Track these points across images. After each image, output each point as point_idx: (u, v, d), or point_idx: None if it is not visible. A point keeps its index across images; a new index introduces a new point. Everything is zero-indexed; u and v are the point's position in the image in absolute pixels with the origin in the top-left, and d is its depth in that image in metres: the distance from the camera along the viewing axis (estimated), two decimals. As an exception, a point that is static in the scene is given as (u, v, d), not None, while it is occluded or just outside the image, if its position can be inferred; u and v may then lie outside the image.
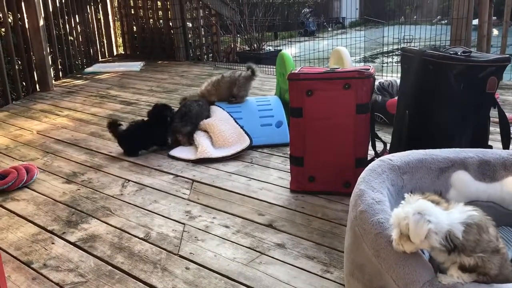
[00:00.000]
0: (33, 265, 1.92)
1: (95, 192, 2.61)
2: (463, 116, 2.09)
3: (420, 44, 5.95)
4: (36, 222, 2.30)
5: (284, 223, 2.17)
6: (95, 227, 2.22)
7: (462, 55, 2.06)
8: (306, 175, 2.44)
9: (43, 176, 2.86)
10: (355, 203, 1.51)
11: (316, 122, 2.36)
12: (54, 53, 5.83)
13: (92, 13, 7.09)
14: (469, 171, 1.60)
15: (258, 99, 3.63)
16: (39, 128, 3.90)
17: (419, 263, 1.24)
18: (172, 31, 7.06)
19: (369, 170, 1.60)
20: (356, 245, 1.45)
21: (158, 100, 4.64)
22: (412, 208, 1.15)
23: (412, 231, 1.13)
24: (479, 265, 1.14)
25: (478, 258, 1.14)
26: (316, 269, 1.81)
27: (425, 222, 1.11)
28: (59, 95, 5.10)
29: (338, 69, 2.46)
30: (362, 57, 7.38)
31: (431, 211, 1.14)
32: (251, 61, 6.44)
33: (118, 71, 6.37)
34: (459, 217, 1.15)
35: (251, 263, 1.86)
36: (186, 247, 2.01)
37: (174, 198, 2.49)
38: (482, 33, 4.63)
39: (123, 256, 1.96)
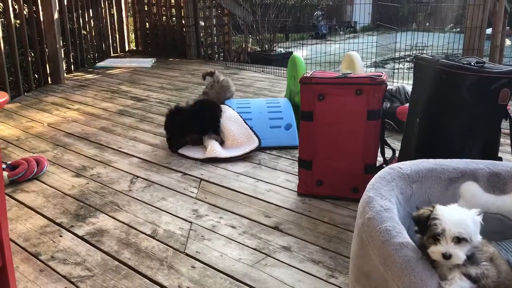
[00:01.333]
0: (41, 257, 1.95)
1: (103, 186, 2.63)
2: (474, 127, 2.09)
3: (432, 52, 5.93)
4: (45, 214, 2.32)
5: (290, 226, 2.18)
6: (103, 222, 2.24)
7: (476, 65, 2.05)
8: (314, 179, 2.45)
9: (53, 168, 2.89)
10: (363, 210, 1.51)
11: (327, 126, 2.37)
12: (67, 47, 5.88)
13: (105, 8, 7.14)
14: (479, 183, 1.60)
15: (268, 101, 3.65)
16: (50, 120, 3.93)
17: (425, 272, 1.24)
18: (185, 29, 7.09)
19: (378, 177, 1.61)
20: (362, 251, 1.46)
21: (168, 98, 4.67)
22: (463, 211, 1.22)
23: (475, 230, 1.18)
24: (485, 275, 1.16)
25: (483, 268, 1.16)
26: (321, 274, 1.81)
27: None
28: (70, 89, 5.14)
29: (350, 74, 2.46)
30: (373, 62, 7.37)
31: (470, 224, 1.19)
32: (262, 63, 6.48)
33: (129, 66, 6.40)
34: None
35: (257, 265, 1.88)
36: (193, 245, 2.02)
37: (182, 196, 2.50)
38: (495, 43, 4.62)
39: (130, 252, 1.98)
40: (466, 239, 1.16)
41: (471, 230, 1.17)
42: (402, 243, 1.31)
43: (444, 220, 1.19)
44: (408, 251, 1.30)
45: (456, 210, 1.24)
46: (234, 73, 5.94)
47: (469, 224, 1.18)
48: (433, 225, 1.21)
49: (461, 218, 1.19)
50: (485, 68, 2.04)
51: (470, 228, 1.17)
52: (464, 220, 1.19)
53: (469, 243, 1.17)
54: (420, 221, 1.28)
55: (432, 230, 1.21)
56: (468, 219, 1.19)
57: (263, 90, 4.97)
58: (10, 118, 3.99)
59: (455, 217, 1.20)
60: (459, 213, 1.22)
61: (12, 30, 4.66)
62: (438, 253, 1.18)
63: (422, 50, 6.15)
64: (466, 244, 1.17)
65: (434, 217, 1.22)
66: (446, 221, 1.19)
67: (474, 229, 1.18)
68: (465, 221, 1.18)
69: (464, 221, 1.18)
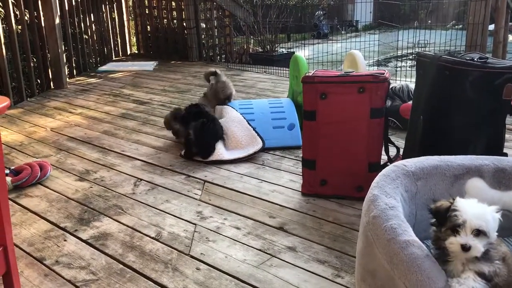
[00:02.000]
0: (45, 262, 1.94)
1: (107, 190, 2.63)
2: (478, 123, 2.07)
3: (434, 49, 5.91)
4: (48, 218, 2.32)
5: (295, 226, 2.17)
6: (107, 225, 2.23)
7: (479, 61, 2.04)
8: (318, 178, 2.43)
9: (56, 173, 2.89)
10: (368, 208, 1.50)
11: (330, 125, 2.36)
12: (69, 51, 5.88)
13: (107, 12, 7.15)
14: (484, 179, 1.59)
15: (270, 101, 3.64)
16: (53, 125, 3.93)
17: (432, 270, 1.23)
18: (186, 31, 7.09)
19: (383, 175, 1.60)
20: (368, 250, 1.44)
21: (171, 100, 4.66)
22: (484, 206, 1.22)
23: (493, 225, 1.18)
24: (497, 273, 1.14)
25: (495, 267, 1.14)
26: (327, 273, 1.80)
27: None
28: (73, 93, 5.15)
29: (352, 72, 2.45)
30: (375, 60, 7.34)
31: (489, 220, 1.19)
32: (264, 63, 6.47)
33: (131, 70, 6.41)
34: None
35: (262, 266, 1.86)
36: (197, 247, 2.01)
37: (185, 198, 2.50)
38: (498, 39, 4.59)
39: (135, 255, 1.98)
40: (485, 233, 1.16)
41: (490, 225, 1.17)
42: (408, 241, 1.30)
43: (465, 212, 1.19)
44: (415, 248, 1.28)
45: (476, 204, 1.24)
46: (236, 74, 5.93)
47: (489, 219, 1.18)
48: (453, 216, 1.20)
49: (482, 212, 1.19)
50: (488, 63, 2.03)
51: (490, 223, 1.17)
52: (484, 214, 1.19)
53: (487, 238, 1.16)
54: (439, 212, 1.27)
55: (452, 221, 1.20)
56: (488, 214, 1.19)
57: (265, 91, 4.96)
58: (13, 123, 4.00)
59: (476, 210, 1.20)
60: (480, 207, 1.22)
61: (13, 36, 4.67)
62: (457, 244, 1.17)
63: (424, 48, 6.13)
64: (484, 238, 1.16)
65: (454, 208, 1.21)
66: (467, 213, 1.18)
67: (493, 225, 1.18)
68: (486, 215, 1.18)
69: (484, 215, 1.18)
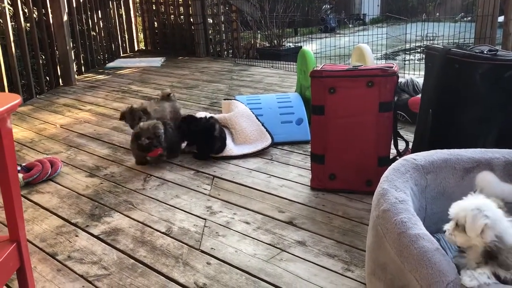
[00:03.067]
0: (58, 257, 1.97)
1: (117, 186, 2.65)
2: (488, 116, 2.06)
3: (443, 42, 5.87)
4: (60, 214, 2.34)
5: (304, 221, 2.17)
6: (118, 221, 2.25)
7: (488, 53, 2.03)
8: (327, 173, 2.44)
9: (67, 169, 2.91)
10: (377, 202, 1.50)
11: (338, 120, 2.35)
12: (77, 48, 5.92)
13: (114, 9, 7.17)
14: (495, 172, 1.58)
15: (278, 96, 3.64)
16: (63, 122, 3.96)
17: (442, 263, 1.23)
18: (193, 27, 7.09)
19: (392, 169, 1.60)
20: (378, 244, 1.45)
21: (179, 96, 4.67)
22: (474, 203, 1.20)
23: (468, 224, 1.16)
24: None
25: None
26: (337, 267, 1.81)
27: (483, 217, 1.14)
28: (81, 90, 5.18)
29: (360, 66, 2.44)
30: (383, 54, 7.31)
31: (491, 209, 1.17)
32: (271, 58, 6.46)
33: (139, 66, 6.43)
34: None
35: (272, 260, 1.87)
36: (207, 242, 2.03)
37: (195, 193, 2.51)
38: (508, 31, 4.54)
39: (146, 250, 1.99)
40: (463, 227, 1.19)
41: (467, 221, 1.18)
42: (418, 235, 1.30)
43: (456, 205, 1.25)
44: (425, 242, 1.29)
45: (474, 200, 1.24)
46: (244, 70, 5.93)
47: (464, 215, 1.20)
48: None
49: (463, 207, 1.22)
50: (498, 56, 2.01)
51: (466, 219, 1.18)
52: (464, 209, 1.21)
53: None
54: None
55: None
56: (467, 211, 1.20)
57: (273, 86, 4.96)
58: (23, 120, 4.03)
59: (462, 204, 1.23)
60: (469, 203, 1.23)
61: (22, 34, 4.70)
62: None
63: (432, 41, 6.08)
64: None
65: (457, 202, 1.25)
66: (455, 207, 1.24)
67: (470, 222, 1.16)
68: (465, 211, 1.21)
69: (464, 211, 1.21)
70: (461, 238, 1.20)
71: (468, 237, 1.18)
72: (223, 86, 5.05)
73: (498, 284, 1.13)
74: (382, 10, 14.33)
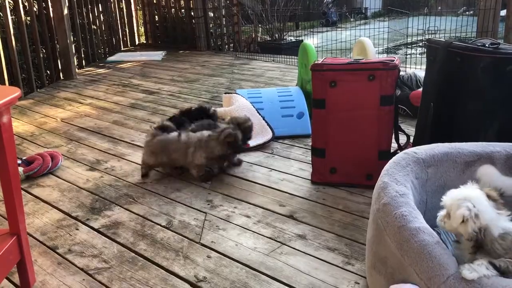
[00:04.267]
0: (58, 250, 1.97)
1: (118, 179, 2.65)
2: (489, 109, 2.05)
3: (445, 36, 5.84)
4: (60, 208, 2.34)
5: (305, 214, 2.17)
6: (118, 214, 2.25)
7: (490, 47, 2.01)
8: (328, 166, 2.43)
9: (67, 163, 2.91)
10: (378, 196, 1.50)
11: (339, 113, 2.35)
12: (78, 42, 5.91)
13: (114, 2, 7.14)
14: (496, 166, 1.58)
15: (279, 90, 3.63)
16: (63, 115, 3.96)
17: (443, 256, 1.23)
18: (194, 21, 7.07)
19: (393, 162, 1.59)
20: (378, 237, 1.44)
21: (179, 90, 4.67)
22: (462, 193, 1.23)
23: (452, 213, 1.22)
24: (510, 270, 1.13)
25: (508, 263, 1.13)
26: (337, 261, 1.81)
27: (464, 208, 1.18)
28: (82, 84, 5.17)
29: (362, 60, 2.43)
30: (385, 48, 7.28)
31: (478, 201, 1.20)
32: (272, 52, 6.43)
33: (140, 60, 6.41)
34: (502, 223, 1.19)
35: (272, 253, 1.87)
36: (208, 235, 2.03)
37: (195, 187, 2.51)
38: (510, 24, 4.51)
39: (146, 243, 1.99)
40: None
41: (452, 208, 1.24)
42: (419, 228, 1.30)
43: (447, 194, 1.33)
44: (425, 235, 1.29)
45: (464, 190, 1.28)
46: (245, 63, 5.92)
47: (449, 201, 1.27)
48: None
49: (449, 196, 1.29)
50: (500, 49, 2.00)
51: (451, 206, 1.25)
52: (448, 196, 1.29)
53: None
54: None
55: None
56: (449, 197, 1.28)
57: (274, 80, 4.94)
58: (24, 114, 4.03)
59: (452, 193, 1.29)
60: (457, 192, 1.28)
61: (23, 27, 4.69)
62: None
63: (434, 34, 6.05)
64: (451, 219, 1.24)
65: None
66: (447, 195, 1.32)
67: (455, 209, 1.22)
68: (448, 198, 1.29)
69: (448, 198, 1.29)
70: (449, 226, 1.25)
71: (453, 225, 1.23)
72: (224, 80, 5.04)
73: (498, 277, 1.13)
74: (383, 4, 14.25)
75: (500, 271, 1.15)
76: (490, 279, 1.12)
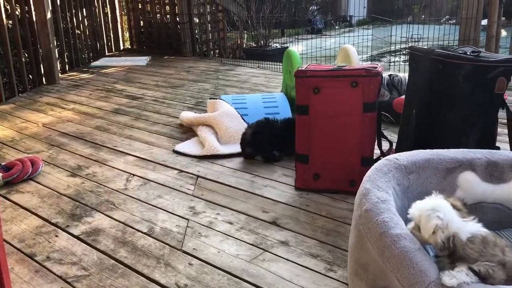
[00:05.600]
0: (36, 258, 1.92)
1: (99, 186, 2.61)
2: (471, 117, 2.07)
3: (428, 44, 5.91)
4: (40, 214, 2.30)
5: (288, 221, 2.16)
6: (99, 221, 2.22)
7: (472, 54, 2.04)
8: (311, 172, 2.43)
9: (48, 168, 2.87)
10: (360, 202, 1.49)
11: (323, 120, 2.35)
12: (61, 47, 5.84)
13: (99, 7, 7.09)
14: (477, 172, 1.59)
15: (264, 96, 3.63)
16: (45, 121, 3.90)
17: (424, 263, 1.22)
18: (179, 26, 7.05)
19: (375, 169, 1.59)
20: (360, 244, 1.44)
21: (163, 96, 4.64)
22: (429, 204, 1.24)
23: (422, 224, 1.22)
24: (489, 275, 1.13)
25: (487, 267, 1.13)
26: (320, 268, 1.80)
27: (435, 218, 1.19)
28: (65, 88, 5.11)
29: (345, 67, 2.44)
30: (369, 55, 7.34)
31: (445, 210, 1.21)
32: (258, 58, 6.45)
33: (124, 65, 6.37)
34: (470, 228, 1.20)
35: (254, 260, 1.86)
36: (190, 242, 2.00)
37: (178, 193, 2.48)
38: (491, 33, 4.59)
39: (126, 250, 1.96)
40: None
41: (421, 220, 1.24)
42: (400, 235, 1.30)
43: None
44: (406, 242, 1.28)
45: (430, 200, 1.29)
46: (230, 69, 5.91)
47: (414, 212, 1.28)
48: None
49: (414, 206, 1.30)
50: (480, 57, 2.02)
51: (415, 216, 1.27)
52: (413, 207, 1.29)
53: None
54: None
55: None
56: (414, 207, 1.28)
57: (259, 86, 4.95)
58: (5, 119, 3.96)
59: (419, 203, 1.29)
60: (424, 202, 1.28)
61: (4, 31, 4.62)
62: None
63: (417, 42, 6.12)
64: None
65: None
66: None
67: (423, 221, 1.22)
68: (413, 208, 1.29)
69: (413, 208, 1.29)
70: (420, 237, 1.25)
71: (424, 236, 1.22)
72: (209, 85, 5.02)
73: (478, 283, 1.13)
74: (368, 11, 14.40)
75: (481, 276, 1.15)
76: (470, 285, 1.12)
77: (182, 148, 3.10)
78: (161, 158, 2.99)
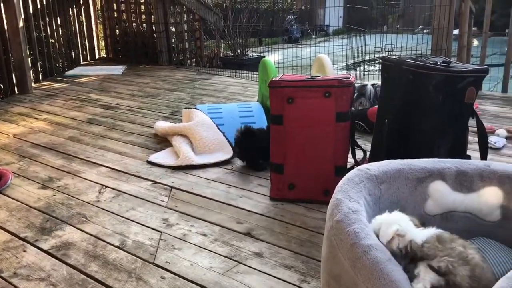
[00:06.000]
0: (2, 274, 1.86)
1: (71, 198, 2.56)
2: (441, 126, 2.10)
3: (401, 53, 6.01)
4: (8, 229, 2.23)
5: (262, 232, 2.15)
6: (70, 234, 2.16)
7: (442, 65, 2.07)
8: (286, 182, 2.42)
9: (18, 181, 2.79)
10: (331, 213, 1.49)
11: (296, 129, 2.35)
12: (34, 56, 5.74)
13: (74, 16, 7.00)
14: (447, 182, 1.60)
15: (240, 105, 3.62)
16: (16, 131, 3.81)
17: (395, 273, 1.22)
18: (155, 35, 7.01)
19: (346, 179, 1.59)
20: (332, 255, 1.43)
21: (139, 105, 4.59)
22: (389, 216, 1.35)
23: (382, 230, 1.30)
24: (450, 270, 1.15)
25: (447, 262, 1.16)
26: (293, 279, 1.78)
27: (395, 225, 1.28)
28: (38, 98, 5.01)
29: (319, 77, 2.45)
30: (344, 65, 7.42)
31: (403, 222, 1.31)
32: (234, 67, 6.45)
33: (99, 74, 6.29)
34: (425, 233, 1.29)
35: (228, 273, 1.83)
36: (162, 255, 1.97)
37: (151, 205, 2.45)
38: (462, 43, 4.69)
39: (97, 264, 1.92)
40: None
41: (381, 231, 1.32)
42: (371, 245, 1.30)
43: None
44: (377, 252, 1.28)
45: (391, 215, 1.39)
46: (207, 78, 5.89)
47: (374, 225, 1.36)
48: None
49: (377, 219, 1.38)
50: (451, 67, 2.06)
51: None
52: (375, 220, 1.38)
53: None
54: None
55: None
56: (376, 221, 1.37)
57: (235, 95, 4.94)
58: (-26, 130, 3.86)
59: (381, 217, 1.38)
60: (385, 216, 1.39)
61: (-26, 40, 4.52)
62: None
63: (391, 52, 6.21)
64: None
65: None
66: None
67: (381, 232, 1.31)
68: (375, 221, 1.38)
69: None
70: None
71: (382, 243, 1.28)
72: (185, 95, 4.99)
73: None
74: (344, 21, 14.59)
75: (441, 273, 1.17)
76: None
77: (156, 159, 3.07)
78: (135, 169, 2.95)
